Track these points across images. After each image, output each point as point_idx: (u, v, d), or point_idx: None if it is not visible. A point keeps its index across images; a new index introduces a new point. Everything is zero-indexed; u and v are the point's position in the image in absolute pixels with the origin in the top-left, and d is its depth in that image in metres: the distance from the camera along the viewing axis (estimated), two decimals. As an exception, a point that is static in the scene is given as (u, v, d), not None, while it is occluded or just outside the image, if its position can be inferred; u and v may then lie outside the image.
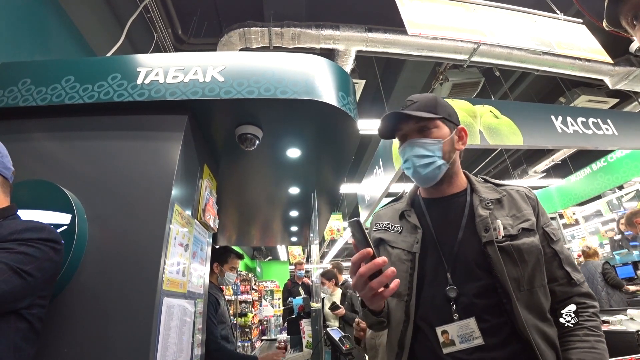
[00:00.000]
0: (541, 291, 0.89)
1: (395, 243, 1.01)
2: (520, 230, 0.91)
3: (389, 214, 1.11)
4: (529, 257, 0.88)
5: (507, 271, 0.85)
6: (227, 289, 6.44)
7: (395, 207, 1.12)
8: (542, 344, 0.82)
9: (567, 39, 3.51)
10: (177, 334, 1.50)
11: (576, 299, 0.94)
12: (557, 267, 0.94)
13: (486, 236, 0.89)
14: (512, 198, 0.99)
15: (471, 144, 3.21)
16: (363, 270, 0.71)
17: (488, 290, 0.86)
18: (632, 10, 0.56)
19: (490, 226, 0.90)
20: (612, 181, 6.17)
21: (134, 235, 1.40)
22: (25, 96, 1.67)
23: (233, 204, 3.25)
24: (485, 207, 0.95)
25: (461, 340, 0.84)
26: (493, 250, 0.87)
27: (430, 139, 0.97)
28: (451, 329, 0.86)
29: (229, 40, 3.49)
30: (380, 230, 1.08)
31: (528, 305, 0.85)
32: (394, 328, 0.94)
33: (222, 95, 1.67)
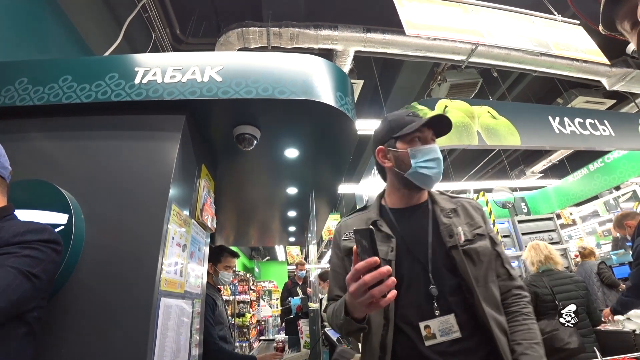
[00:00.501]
0: (494, 286, 1.03)
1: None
2: (475, 236, 1.06)
3: (357, 224, 1.15)
4: (484, 258, 1.03)
5: (469, 270, 0.99)
6: (225, 289, 6.43)
7: (362, 217, 1.19)
8: (498, 331, 0.95)
9: (564, 40, 3.52)
10: (175, 334, 1.50)
11: (514, 290, 1.09)
12: (499, 266, 1.09)
13: (450, 241, 1.03)
14: (465, 208, 1.13)
15: (469, 145, 3.22)
16: (368, 278, 0.74)
17: (455, 289, 0.99)
18: (628, 15, 0.56)
19: (453, 232, 1.04)
20: (609, 182, 6.20)
21: (131, 235, 1.40)
22: (22, 95, 1.66)
23: (231, 204, 3.25)
24: (446, 216, 1.09)
25: (442, 334, 0.94)
26: (457, 253, 1.01)
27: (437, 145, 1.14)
28: (433, 324, 0.95)
29: (227, 40, 3.49)
30: (351, 239, 1.12)
31: (485, 298, 0.98)
32: (374, 332, 0.98)
33: (220, 95, 1.66)
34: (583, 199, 6.87)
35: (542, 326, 2.50)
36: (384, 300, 0.75)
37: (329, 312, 1.08)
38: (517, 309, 1.05)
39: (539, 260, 2.78)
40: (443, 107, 3.33)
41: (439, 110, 3.31)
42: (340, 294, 1.11)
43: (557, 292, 2.58)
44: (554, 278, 2.66)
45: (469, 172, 7.36)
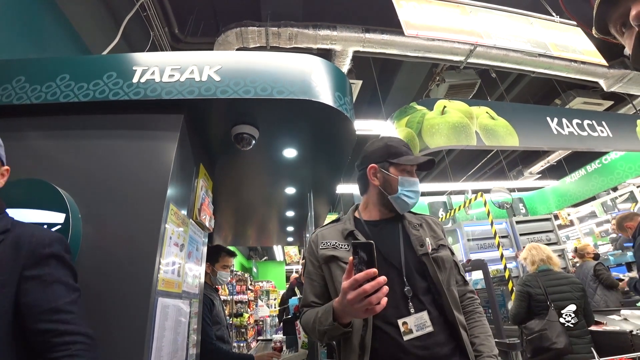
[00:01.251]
0: (454, 289, 1.18)
1: (347, 259, 1.12)
2: (439, 246, 1.21)
3: (333, 234, 1.26)
4: (447, 265, 1.18)
5: (438, 275, 1.13)
6: (223, 288, 6.42)
7: (337, 227, 1.29)
8: (461, 328, 1.10)
9: (562, 42, 3.54)
10: (172, 334, 1.49)
11: (468, 294, 1.27)
12: (457, 273, 1.25)
13: (422, 249, 1.17)
14: (428, 223, 1.30)
15: (467, 145, 3.23)
16: (369, 287, 0.84)
17: (425, 290, 1.13)
18: (621, 19, 0.56)
19: (424, 242, 1.19)
20: (607, 183, 6.23)
21: (128, 235, 1.40)
22: (20, 94, 1.65)
23: (229, 204, 3.24)
24: (414, 228, 1.24)
25: (417, 328, 1.06)
26: (428, 259, 1.15)
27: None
28: (409, 320, 1.07)
29: (226, 39, 3.48)
30: (329, 248, 1.21)
31: (450, 299, 1.12)
32: (355, 334, 1.07)
33: (219, 94, 1.66)
34: (581, 199, 6.89)
35: (532, 325, 2.51)
36: (378, 306, 0.86)
37: (308, 318, 1.15)
38: (472, 309, 1.24)
39: (541, 259, 2.80)
40: (442, 108, 3.33)
41: (437, 110, 3.32)
42: (315, 300, 1.22)
43: (552, 293, 2.58)
44: (550, 278, 2.67)
45: (467, 172, 7.37)
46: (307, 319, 1.16)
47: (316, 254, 1.25)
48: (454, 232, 6.10)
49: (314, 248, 1.27)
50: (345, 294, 0.89)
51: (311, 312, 1.16)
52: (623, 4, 0.55)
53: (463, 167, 7.49)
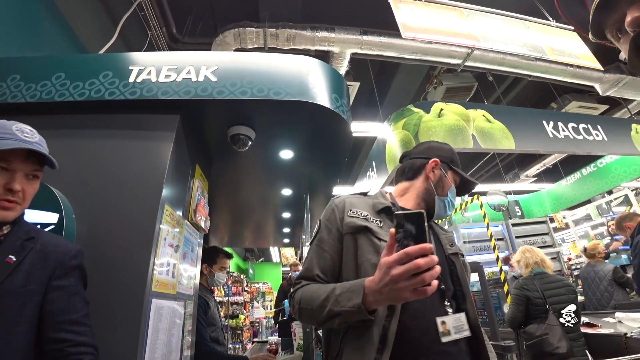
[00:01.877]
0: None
1: (382, 235, 1.01)
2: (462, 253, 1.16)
3: (364, 205, 1.10)
4: (468, 272, 1.13)
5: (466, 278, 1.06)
6: (219, 290, 6.39)
7: (367, 200, 1.14)
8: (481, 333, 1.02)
9: (558, 46, 3.56)
10: (166, 335, 1.48)
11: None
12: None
13: (451, 249, 1.11)
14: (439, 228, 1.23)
15: (464, 148, 3.24)
16: (423, 262, 0.72)
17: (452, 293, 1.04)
18: (616, 24, 0.57)
19: (454, 242, 1.13)
20: (602, 186, 6.27)
21: (123, 235, 1.39)
22: (14, 92, 1.64)
23: (225, 205, 3.23)
24: (443, 230, 1.20)
25: (455, 331, 0.95)
26: (457, 259, 1.09)
27: None
28: (448, 321, 0.95)
29: (224, 40, 3.48)
30: (360, 218, 1.05)
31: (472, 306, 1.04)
32: (377, 323, 0.90)
33: (215, 95, 1.66)
34: (576, 202, 6.93)
35: (532, 330, 2.51)
36: (430, 288, 0.74)
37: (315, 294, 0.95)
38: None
39: (535, 262, 2.80)
40: (439, 110, 3.34)
41: (434, 113, 3.33)
42: (320, 274, 1.02)
43: (549, 296, 2.59)
44: (546, 282, 2.67)
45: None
46: (312, 295, 0.95)
47: (340, 221, 1.06)
48: (450, 234, 6.11)
49: (337, 214, 1.08)
50: (389, 270, 0.75)
51: (318, 287, 0.97)
52: (619, 10, 0.55)
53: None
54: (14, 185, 0.90)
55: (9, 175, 0.91)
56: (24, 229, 0.97)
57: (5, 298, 0.85)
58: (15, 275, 0.88)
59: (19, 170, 0.92)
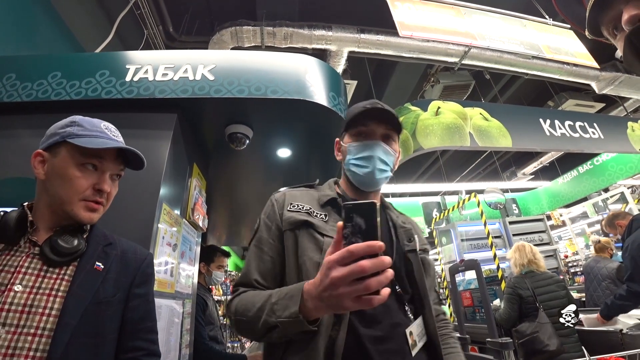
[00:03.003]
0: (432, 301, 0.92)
1: (324, 230, 0.87)
2: (424, 250, 0.99)
3: (307, 198, 0.97)
4: (431, 272, 0.97)
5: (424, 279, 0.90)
6: (217, 289, 6.39)
7: (311, 193, 1.00)
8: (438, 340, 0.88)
9: (555, 44, 3.57)
10: (165, 334, 1.48)
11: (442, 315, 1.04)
12: (434, 287, 1.02)
13: (409, 245, 0.93)
14: (412, 225, 1.04)
15: (461, 146, 3.25)
16: (368, 264, 0.55)
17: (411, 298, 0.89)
18: (612, 22, 0.57)
19: (412, 236, 0.95)
20: (598, 184, 6.31)
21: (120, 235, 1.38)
22: (10, 92, 1.64)
23: (223, 203, 3.23)
24: (402, 222, 1.00)
25: (418, 339, 0.83)
26: (415, 257, 0.91)
27: (393, 150, 0.99)
28: (414, 329, 0.82)
29: (221, 38, 3.46)
30: (302, 212, 0.91)
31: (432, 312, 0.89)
32: (322, 333, 0.75)
33: (212, 93, 1.65)
34: (573, 200, 6.96)
35: (523, 328, 2.53)
36: (378, 298, 0.57)
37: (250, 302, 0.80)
38: (447, 332, 1.00)
39: (522, 264, 2.83)
40: (436, 108, 3.35)
41: (431, 111, 3.33)
42: (259, 279, 0.87)
43: (539, 294, 2.61)
44: (536, 280, 2.70)
45: (461, 173, 7.41)
46: (247, 303, 0.80)
47: (279, 217, 0.92)
48: (447, 232, 6.13)
49: (277, 209, 0.94)
50: (328, 271, 0.59)
51: (254, 294, 0.82)
52: (615, 7, 0.56)
53: (457, 168, 7.53)
54: (103, 185, 0.87)
55: (99, 175, 0.87)
56: (100, 233, 0.94)
57: (102, 306, 0.82)
58: (106, 283, 0.85)
59: (108, 170, 0.89)
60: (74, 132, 0.85)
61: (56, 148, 0.86)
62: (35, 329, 0.73)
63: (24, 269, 0.78)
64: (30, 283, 0.77)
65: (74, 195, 0.83)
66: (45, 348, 0.72)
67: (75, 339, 0.75)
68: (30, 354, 0.71)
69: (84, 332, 0.77)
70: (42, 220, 0.85)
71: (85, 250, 0.86)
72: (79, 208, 0.84)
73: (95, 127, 0.89)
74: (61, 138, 0.85)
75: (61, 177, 0.84)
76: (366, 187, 0.98)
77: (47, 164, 0.86)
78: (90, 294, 0.81)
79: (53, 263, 0.80)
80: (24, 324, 0.73)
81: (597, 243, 4.25)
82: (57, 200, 0.84)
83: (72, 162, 0.84)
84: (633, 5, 0.53)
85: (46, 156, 0.86)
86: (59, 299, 0.77)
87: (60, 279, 0.80)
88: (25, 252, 0.80)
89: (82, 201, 0.85)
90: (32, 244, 0.82)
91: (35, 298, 0.76)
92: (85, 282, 0.82)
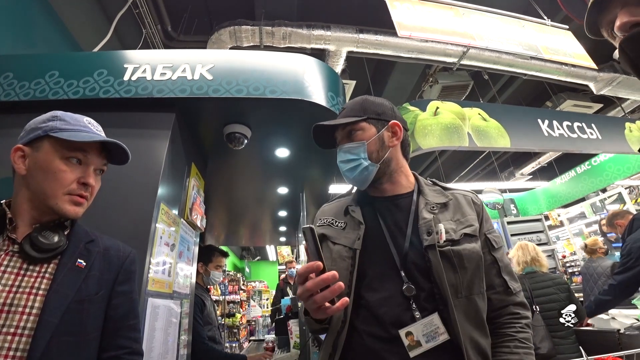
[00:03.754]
0: (480, 298, 0.86)
1: (336, 239, 0.95)
2: (462, 236, 0.89)
3: (334, 210, 1.04)
4: (469, 264, 0.86)
5: (446, 277, 0.83)
6: (215, 288, 6.38)
7: (340, 202, 1.06)
8: (473, 354, 0.80)
9: (553, 45, 3.58)
10: (163, 334, 1.48)
11: (511, 308, 0.91)
12: (495, 275, 0.92)
13: (428, 239, 0.87)
14: (458, 202, 0.98)
15: (460, 146, 3.25)
16: (310, 285, 0.68)
17: (428, 295, 0.84)
18: (611, 24, 0.57)
19: (432, 229, 0.88)
20: (596, 184, 6.32)
21: (118, 234, 1.37)
22: (7, 90, 1.63)
23: (221, 203, 3.23)
24: (430, 210, 0.93)
25: (427, 339, 0.80)
26: (434, 254, 0.85)
27: (354, 142, 0.98)
28: (415, 329, 0.80)
29: (219, 38, 3.46)
30: (324, 225, 1.01)
31: (466, 312, 0.83)
32: (332, 329, 0.87)
33: (211, 93, 1.65)
34: (570, 200, 6.98)
35: None
36: (332, 309, 0.69)
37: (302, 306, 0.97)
38: (511, 332, 0.87)
39: (525, 261, 2.80)
40: (434, 109, 3.35)
41: (430, 111, 3.34)
42: None
43: (536, 296, 2.60)
44: (536, 280, 2.69)
45: (460, 173, 7.42)
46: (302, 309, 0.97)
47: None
48: (446, 232, 6.15)
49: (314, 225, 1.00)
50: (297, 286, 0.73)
51: None
52: (611, 10, 0.56)
53: (455, 168, 7.54)
54: (88, 179, 0.86)
55: (84, 169, 0.87)
56: (82, 230, 0.93)
57: (84, 304, 0.82)
58: (89, 281, 0.85)
59: (92, 164, 0.88)
60: (57, 127, 0.85)
61: (38, 142, 0.85)
62: (15, 329, 0.72)
63: (2, 267, 0.77)
64: (10, 282, 0.76)
65: (59, 189, 0.82)
66: (26, 347, 0.72)
67: (56, 338, 0.75)
68: (10, 354, 0.70)
69: (66, 331, 0.77)
70: (21, 217, 0.84)
71: (66, 248, 0.85)
72: (63, 202, 0.83)
73: (78, 122, 0.89)
74: (43, 132, 0.84)
75: (45, 171, 0.83)
76: (360, 186, 1.01)
77: (29, 159, 0.84)
78: (72, 291, 0.80)
79: (33, 260, 0.80)
80: (4, 324, 0.72)
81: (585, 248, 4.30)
82: (40, 195, 0.83)
83: (56, 155, 0.83)
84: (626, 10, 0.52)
85: (27, 151, 0.85)
86: (39, 297, 0.77)
87: (41, 277, 0.79)
88: (4, 250, 0.79)
89: (67, 195, 0.84)
90: (11, 242, 0.80)
91: (15, 297, 0.75)
92: (67, 280, 0.81)
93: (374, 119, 1.00)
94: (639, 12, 0.51)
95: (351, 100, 1.06)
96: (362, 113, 1.00)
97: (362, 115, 0.99)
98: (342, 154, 1.00)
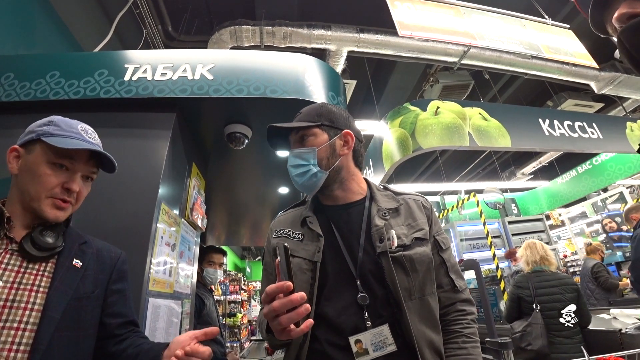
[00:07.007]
0: (432, 298, 0.90)
1: (295, 251, 0.93)
2: (414, 240, 0.92)
3: (289, 220, 1.04)
4: (420, 267, 0.89)
5: (398, 281, 0.86)
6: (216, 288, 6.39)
7: (295, 212, 1.06)
8: (429, 353, 0.83)
9: (554, 44, 3.57)
10: (164, 334, 1.48)
11: (458, 305, 0.95)
12: (443, 275, 0.96)
13: (380, 246, 0.89)
14: (409, 207, 1.00)
15: (460, 146, 3.24)
16: (277, 305, 0.66)
17: (384, 301, 0.87)
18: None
19: (384, 236, 0.90)
20: (597, 184, 6.31)
21: (119, 234, 1.38)
22: (8, 91, 1.63)
23: (222, 203, 3.23)
24: (382, 217, 0.95)
25: (375, 348, 0.82)
26: (386, 260, 0.87)
27: (305, 148, 0.98)
28: (364, 337, 0.83)
29: (220, 38, 3.46)
30: (281, 237, 0.99)
31: (420, 313, 0.86)
32: (295, 342, 0.87)
33: (211, 93, 1.65)
34: (572, 200, 6.97)
35: (515, 326, 2.54)
36: (295, 331, 0.67)
37: (259, 319, 0.94)
38: (458, 329, 0.92)
39: (534, 261, 2.79)
40: (435, 108, 3.34)
41: (430, 111, 3.33)
42: None
43: (540, 295, 2.59)
44: (542, 280, 2.68)
45: (461, 173, 7.42)
46: (260, 322, 0.93)
47: (270, 242, 1.02)
48: (447, 232, 6.14)
49: (270, 236, 1.04)
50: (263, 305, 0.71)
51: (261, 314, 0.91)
52: (614, 6, 0.56)
53: (456, 168, 7.53)
54: (72, 185, 0.87)
55: (69, 174, 0.88)
56: (74, 232, 0.96)
57: (83, 301, 0.86)
58: (85, 280, 0.89)
59: (79, 170, 0.90)
60: (49, 131, 0.87)
61: (31, 145, 0.88)
62: (19, 323, 0.75)
63: (3, 265, 0.79)
64: (11, 279, 0.79)
65: (42, 191, 0.85)
66: (29, 342, 0.75)
67: (58, 332, 0.79)
68: (14, 348, 0.73)
69: (66, 326, 0.81)
70: (15, 216, 0.86)
71: (63, 248, 0.88)
72: (45, 205, 0.85)
73: (71, 128, 0.91)
74: (37, 136, 0.87)
75: (31, 174, 0.85)
76: (308, 192, 1.02)
77: (21, 160, 0.88)
78: (71, 289, 0.84)
79: (33, 258, 0.83)
80: (7, 319, 0.75)
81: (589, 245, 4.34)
82: (25, 196, 0.85)
83: (44, 159, 0.86)
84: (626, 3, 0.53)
85: (21, 152, 0.88)
86: (40, 294, 0.80)
87: (41, 275, 0.83)
88: (3, 248, 0.81)
89: (50, 198, 0.86)
90: (9, 241, 0.83)
91: (17, 293, 0.78)
92: (66, 278, 0.85)
93: (327, 126, 1.00)
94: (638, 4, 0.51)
95: (309, 106, 1.06)
96: (316, 119, 1.00)
97: (316, 121, 1.00)
98: (292, 159, 1.00)
